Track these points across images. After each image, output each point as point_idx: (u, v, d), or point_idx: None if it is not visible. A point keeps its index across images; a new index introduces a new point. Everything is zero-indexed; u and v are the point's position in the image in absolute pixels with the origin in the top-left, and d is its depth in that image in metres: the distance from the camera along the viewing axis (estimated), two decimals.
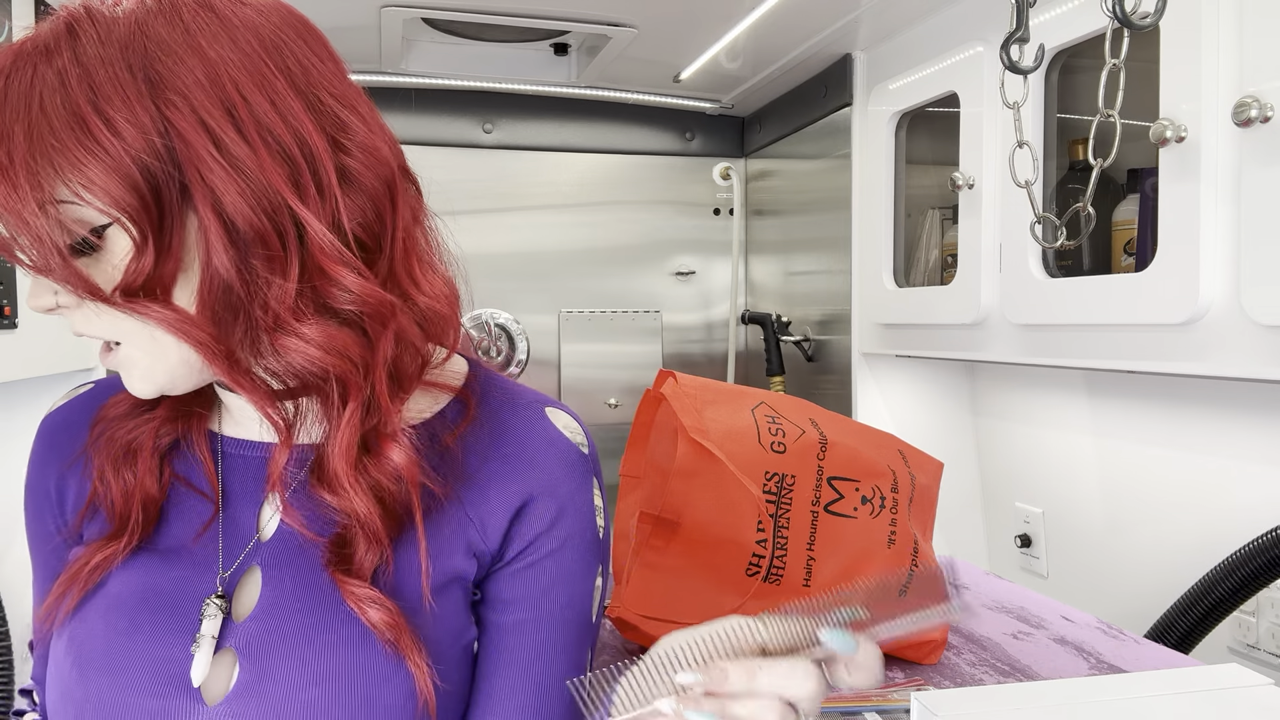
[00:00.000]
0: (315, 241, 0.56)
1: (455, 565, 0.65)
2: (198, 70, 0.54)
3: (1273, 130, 0.92)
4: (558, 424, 0.69)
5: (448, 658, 0.64)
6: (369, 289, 0.58)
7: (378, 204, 0.60)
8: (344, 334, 0.58)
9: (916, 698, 0.66)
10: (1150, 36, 1.01)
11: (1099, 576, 1.46)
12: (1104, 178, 1.12)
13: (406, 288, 0.62)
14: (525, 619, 0.66)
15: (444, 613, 0.64)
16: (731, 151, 2.29)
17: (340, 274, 0.57)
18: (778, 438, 1.01)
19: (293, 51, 0.58)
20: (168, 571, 0.65)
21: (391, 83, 2.01)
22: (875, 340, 1.71)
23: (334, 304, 0.58)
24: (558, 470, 0.67)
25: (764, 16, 1.59)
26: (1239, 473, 1.22)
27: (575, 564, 0.67)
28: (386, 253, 0.61)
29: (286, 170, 0.56)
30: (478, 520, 0.65)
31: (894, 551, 1.03)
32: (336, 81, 0.60)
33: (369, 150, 0.60)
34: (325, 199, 0.57)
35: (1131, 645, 1.09)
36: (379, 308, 0.59)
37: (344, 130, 0.59)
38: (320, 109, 0.58)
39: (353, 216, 0.58)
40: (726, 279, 2.29)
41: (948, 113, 1.48)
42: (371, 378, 0.60)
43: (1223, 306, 1.00)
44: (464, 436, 0.67)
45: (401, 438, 0.61)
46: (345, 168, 0.58)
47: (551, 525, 0.66)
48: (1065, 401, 1.51)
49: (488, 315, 2.14)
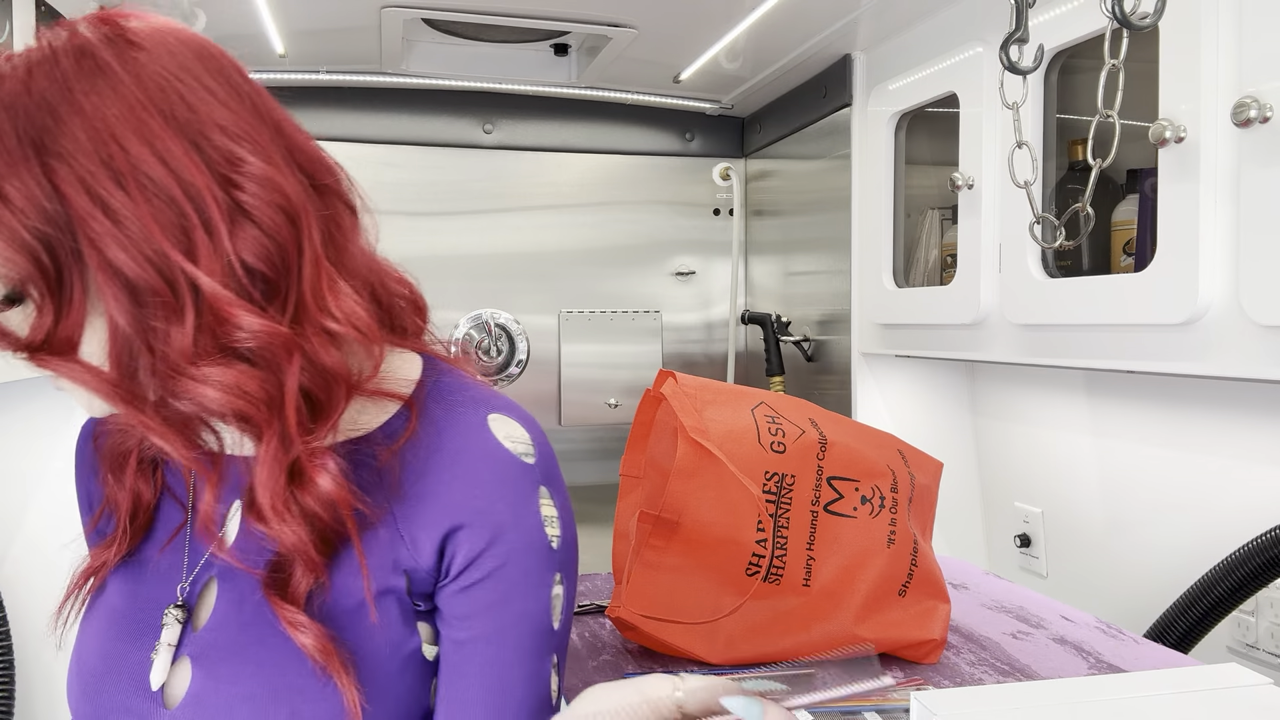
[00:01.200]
0: (206, 286, 0.57)
1: (385, 580, 0.65)
2: (77, 127, 0.56)
3: (1272, 130, 0.93)
4: (499, 434, 0.67)
5: (387, 669, 0.65)
6: (267, 327, 0.58)
7: (278, 235, 0.60)
8: (247, 373, 0.59)
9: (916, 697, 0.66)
10: (1150, 37, 1.01)
11: (1098, 576, 1.46)
12: (1103, 178, 1.13)
13: (318, 316, 0.61)
14: (477, 634, 0.66)
15: (380, 625, 0.65)
16: (731, 152, 2.29)
17: (236, 316, 0.58)
18: (777, 438, 1.01)
19: (179, 91, 0.58)
20: (146, 579, 0.69)
21: (391, 83, 2.02)
22: (875, 340, 1.71)
23: (234, 344, 0.58)
24: (493, 488, 0.65)
25: (764, 17, 1.59)
26: (1238, 473, 1.22)
27: (522, 579, 0.66)
28: (295, 282, 0.61)
29: (171, 217, 0.56)
30: (409, 537, 0.65)
31: (893, 551, 1.03)
32: (231, 114, 0.60)
33: (264, 181, 0.59)
34: (215, 240, 0.57)
35: (1131, 645, 1.09)
36: (280, 344, 0.59)
37: (236, 165, 0.59)
38: (207, 148, 0.58)
39: (251, 251, 0.59)
40: (726, 279, 2.30)
41: (947, 113, 1.48)
42: (283, 412, 0.60)
43: (1222, 306, 1.00)
44: (402, 451, 0.66)
45: (330, 463, 0.62)
46: (239, 203, 0.59)
47: (488, 546, 0.65)
48: (1065, 401, 1.51)
49: (488, 315, 2.14)
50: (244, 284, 0.59)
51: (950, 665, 1.03)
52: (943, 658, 1.05)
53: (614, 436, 2.23)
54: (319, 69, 1.93)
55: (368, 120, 2.08)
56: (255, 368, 0.59)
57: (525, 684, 0.67)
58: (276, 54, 1.81)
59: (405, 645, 0.66)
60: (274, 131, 0.63)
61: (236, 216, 0.58)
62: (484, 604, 0.65)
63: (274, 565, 0.64)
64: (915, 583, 1.04)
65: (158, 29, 0.61)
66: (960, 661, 1.04)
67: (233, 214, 0.58)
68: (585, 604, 1.23)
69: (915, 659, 1.04)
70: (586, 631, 1.14)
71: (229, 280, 0.58)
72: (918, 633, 1.03)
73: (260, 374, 0.59)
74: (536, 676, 0.67)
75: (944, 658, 1.05)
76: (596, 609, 1.21)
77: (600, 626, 1.16)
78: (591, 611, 1.21)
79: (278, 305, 0.60)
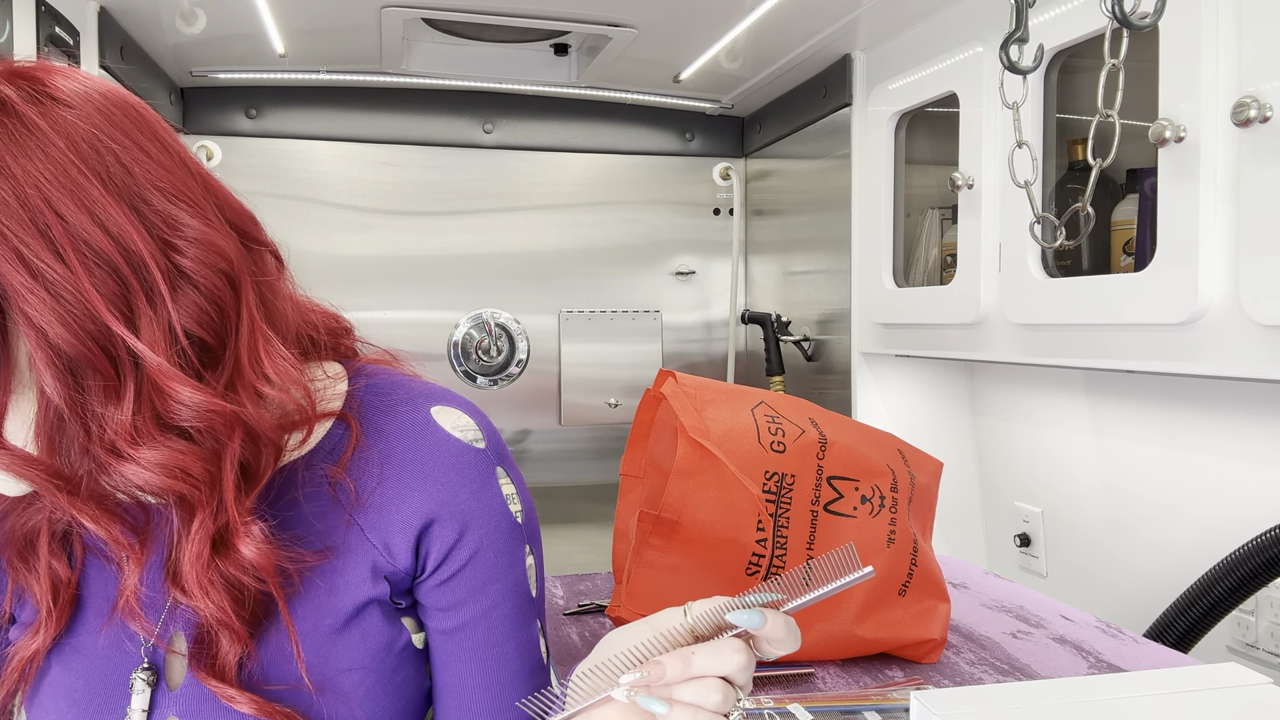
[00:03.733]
0: (148, 360, 0.54)
1: (364, 593, 0.65)
2: (6, 193, 0.52)
3: (1272, 130, 0.93)
4: (445, 424, 0.67)
5: (383, 670, 0.66)
6: (209, 403, 0.56)
7: (219, 299, 0.58)
8: (186, 452, 0.56)
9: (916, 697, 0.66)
10: (1149, 37, 1.01)
11: (1098, 576, 1.46)
12: (1103, 178, 1.13)
13: (255, 381, 0.59)
14: (464, 621, 0.67)
15: (367, 633, 0.65)
16: (731, 151, 2.29)
17: (177, 391, 0.55)
18: (777, 437, 1.01)
19: (112, 150, 0.55)
20: (98, 652, 0.65)
21: (391, 83, 2.02)
22: (875, 340, 1.71)
23: (174, 421, 0.56)
24: (454, 479, 0.65)
25: (764, 17, 1.59)
26: (1238, 472, 1.22)
27: (497, 560, 0.67)
28: (232, 346, 0.59)
29: (112, 286, 0.54)
30: (380, 544, 0.65)
31: (893, 550, 1.03)
32: (166, 174, 0.57)
33: (204, 244, 0.57)
34: (158, 308, 0.55)
35: (1130, 644, 1.09)
36: (222, 421, 0.57)
37: (175, 228, 0.56)
38: (146, 210, 0.56)
39: (192, 317, 0.56)
40: (726, 279, 2.30)
41: (947, 113, 1.48)
42: (219, 488, 0.58)
43: (1222, 306, 1.00)
44: (353, 463, 0.65)
45: (254, 529, 0.59)
46: (180, 268, 0.56)
47: (460, 537, 0.65)
48: (1065, 401, 1.51)
49: (488, 315, 2.14)
50: (185, 352, 0.56)
51: (950, 665, 1.03)
52: (943, 657, 1.05)
53: (614, 436, 2.23)
54: (319, 69, 1.93)
55: (368, 120, 2.08)
56: (196, 445, 0.57)
57: (518, 657, 0.69)
58: (276, 54, 1.81)
59: (396, 643, 0.67)
60: (204, 189, 0.60)
61: (178, 281, 0.56)
62: (466, 592, 0.66)
63: (197, 638, 0.62)
64: (915, 582, 1.05)
65: (82, 86, 0.57)
66: (960, 661, 1.04)
67: (174, 279, 0.56)
68: (585, 603, 1.23)
69: (915, 658, 1.04)
70: (587, 631, 1.14)
71: (170, 350, 0.55)
72: (918, 632, 1.03)
73: (201, 452, 0.57)
74: (527, 645, 0.69)
75: (944, 657, 1.05)
76: (596, 608, 1.21)
77: (600, 626, 1.16)
78: (592, 611, 1.21)
79: (215, 372, 0.58)
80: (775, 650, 0.56)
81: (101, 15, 1.49)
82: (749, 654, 0.54)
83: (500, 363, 2.15)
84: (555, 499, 2.21)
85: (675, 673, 0.53)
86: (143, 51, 1.71)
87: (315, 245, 2.05)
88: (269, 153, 2.04)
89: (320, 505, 0.65)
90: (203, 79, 1.93)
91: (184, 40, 1.71)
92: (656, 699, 0.53)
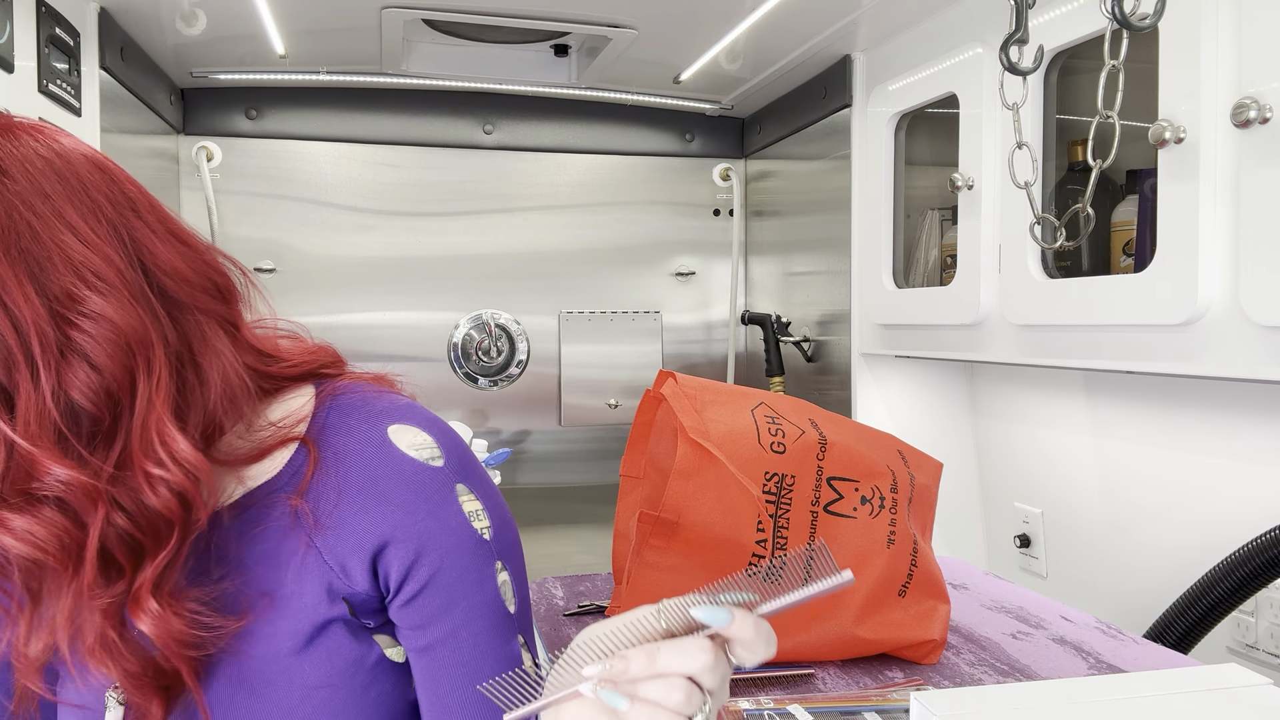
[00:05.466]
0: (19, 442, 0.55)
1: (321, 614, 0.65)
2: None
3: (1271, 131, 0.93)
4: (401, 444, 0.67)
5: (352, 686, 0.66)
6: (73, 478, 0.56)
7: (111, 375, 0.58)
8: (48, 521, 0.56)
9: (916, 698, 0.66)
10: (1149, 38, 1.01)
11: (1098, 576, 1.46)
12: (1103, 178, 1.13)
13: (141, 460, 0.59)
14: (434, 640, 0.67)
15: (327, 654, 0.65)
16: (731, 152, 2.29)
17: (46, 467, 0.55)
18: (777, 438, 1.01)
19: (28, 221, 0.56)
20: None
21: (391, 83, 2.02)
22: (875, 341, 1.71)
23: (40, 491, 0.56)
24: (409, 500, 0.66)
25: (764, 18, 1.59)
26: (1237, 473, 1.22)
27: (461, 580, 0.67)
28: (125, 421, 0.59)
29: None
30: (337, 565, 0.65)
31: (893, 551, 1.03)
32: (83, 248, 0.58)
33: (103, 321, 0.57)
34: (39, 380, 0.55)
35: (1130, 645, 1.09)
36: (85, 494, 0.57)
37: (75, 303, 0.57)
38: (48, 282, 0.56)
39: (80, 390, 0.57)
40: (726, 280, 2.30)
41: (947, 114, 1.48)
42: (84, 561, 0.57)
43: (1221, 307, 1.00)
44: (311, 486, 0.66)
45: (152, 606, 0.59)
46: (73, 342, 0.56)
47: (418, 558, 0.65)
48: (1064, 402, 1.51)
49: (488, 315, 2.14)
50: (64, 425, 0.56)
51: (950, 665, 1.04)
52: (943, 658, 1.05)
53: (614, 437, 2.24)
54: (319, 69, 1.93)
55: (368, 120, 2.08)
56: (60, 514, 0.57)
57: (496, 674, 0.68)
58: (276, 54, 1.81)
59: (366, 659, 0.67)
60: (126, 255, 0.60)
61: (68, 354, 0.56)
62: (431, 612, 0.66)
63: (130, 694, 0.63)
64: (915, 583, 1.05)
65: (35, 151, 0.59)
66: (960, 661, 1.04)
67: (64, 351, 0.56)
68: (585, 604, 1.23)
69: (915, 659, 1.04)
70: None
71: (45, 424, 0.56)
72: (917, 633, 1.03)
73: (63, 521, 0.57)
74: (506, 661, 0.69)
75: (944, 658, 1.05)
76: (596, 609, 1.21)
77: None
78: (592, 611, 1.21)
79: (102, 444, 0.58)
80: (748, 655, 0.54)
81: (102, 16, 1.49)
82: (716, 655, 0.53)
83: (500, 364, 2.15)
84: (555, 500, 2.21)
85: (639, 668, 0.52)
86: (143, 52, 1.71)
87: (315, 246, 2.05)
88: (269, 153, 2.04)
89: (282, 529, 0.66)
90: (203, 80, 1.93)
91: (184, 41, 1.71)
92: (620, 694, 0.52)
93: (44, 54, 1.30)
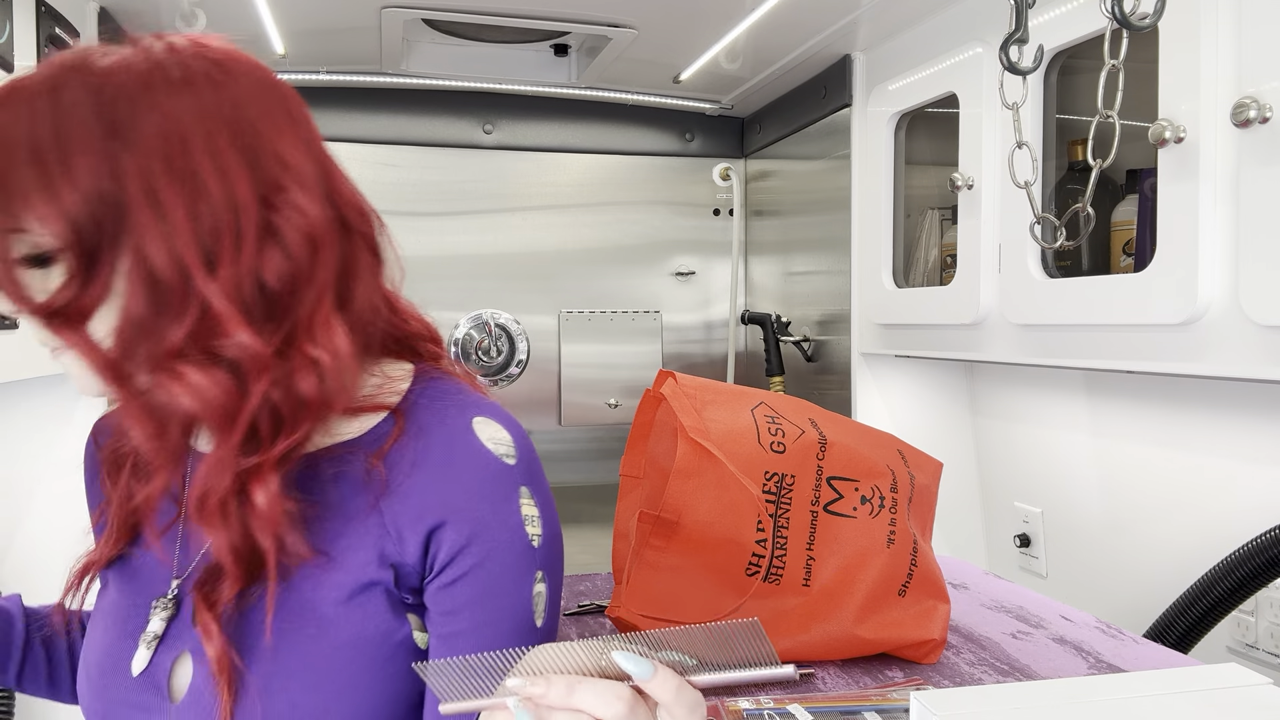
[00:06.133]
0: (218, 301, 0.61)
1: (369, 574, 0.67)
2: (153, 122, 0.60)
3: (1271, 131, 0.93)
4: (482, 436, 0.70)
5: (376, 656, 0.67)
6: (251, 344, 0.62)
7: (299, 261, 0.64)
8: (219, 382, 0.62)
9: (916, 697, 0.66)
10: (1149, 37, 1.01)
11: (1098, 576, 1.47)
12: (1103, 178, 1.13)
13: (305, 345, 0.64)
14: (460, 629, 0.68)
15: (363, 615, 0.67)
16: (731, 152, 2.29)
17: (232, 330, 0.61)
18: (777, 438, 1.01)
19: (250, 117, 0.63)
20: (140, 576, 0.73)
21: (391, 83, 2.02)
22: (875, 340, 1.71)
23: (221, 353, 0.62)
24: (475, 486, 0.68)
25: (764, 17, 1.59)
26: (1237, 473, 1.22)
27: (501, 576, 0.68)
28: (297, 306, 0.64)
29: (209, 224, 0.60)
30: (395, 532, 0.67)
31: (893, 551, 1.03)
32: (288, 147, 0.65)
33: (299, 210, 0.64)
34: (243, 252, 0.61)
35: (1130, 645, 1.09)
36: (255, 362, 0.62)
37: (280, 190, 0.63)
38: (260, 170, 0.62)
39: (272, 269, 0.62)
40: (726, 279, 2.30)
41: (947, 113, 1.48)
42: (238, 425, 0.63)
43: (1221, 307, 1.00)
44: (390, 453, 0.69)
45: (273, 483, 0.64)
46: (272, 224, 0.63)
47: (469, 543, 0.67)
48: (1064, 401, 1.51)
49: (488, 315, 2.14)
50: (252, 299, 0.62)
51: (950, 665, 1.04)
52: (942, 658, 1.05)
53: (614, 436, 2.23)
54: (319, 69, 1.93)
55: (368, 120, 2.08)
56: (230, 376, 0.62)
57: None
58: (276, 54, 1.81)
59: (395, 634, 0.68)
60: (319, 170, 0.67)
61: (266, 235, 0.62)
62: (466, 599, 0.67)
63: (209, 570, 0.67)
64: (915, 583, 1.05)
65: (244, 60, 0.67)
66: (960, 661, 1.04)
67: (264, 231, 0.62)
68: (585, 604, 1.23)
69: (915, 659, 1.04)
70: (586, 631, 1.14)
71: (238, 293, 0.61)
72: (917, 633, 1.03)
73: (230, 383, 0.62)
74: None
75: (944, 658, 1.05)
76: (596, 609, 1.21)
77: (600, 626, 1.16)
78: (591, 611, 1.21)
79: (274, 324, 0.63)
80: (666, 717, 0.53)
81: (102, 15, 1.49)
82: (632, 706, 0.52)
83: (500, 363, 2.15)
84: (555, 499, 2.21)
85: (557, 697, 0.52)
86: None
87: None
88: None
89: (354, 486, 0.68)
90: None
91: None
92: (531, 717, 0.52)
93: (44, 53, 1.30)
